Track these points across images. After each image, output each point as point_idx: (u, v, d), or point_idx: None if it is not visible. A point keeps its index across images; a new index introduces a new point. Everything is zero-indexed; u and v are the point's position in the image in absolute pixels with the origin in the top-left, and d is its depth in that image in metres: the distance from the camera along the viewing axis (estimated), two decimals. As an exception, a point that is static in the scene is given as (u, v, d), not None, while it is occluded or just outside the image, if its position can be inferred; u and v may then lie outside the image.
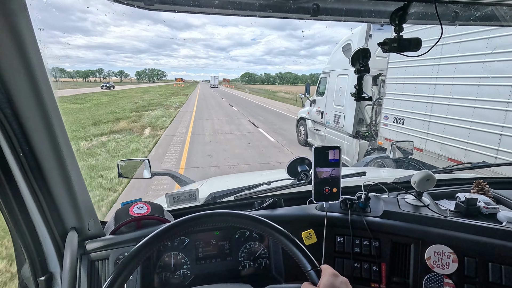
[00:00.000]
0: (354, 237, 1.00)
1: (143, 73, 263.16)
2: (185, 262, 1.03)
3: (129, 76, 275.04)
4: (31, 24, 0.63)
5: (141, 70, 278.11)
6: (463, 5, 0.94)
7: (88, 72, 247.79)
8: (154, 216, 1.03)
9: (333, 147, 0.98)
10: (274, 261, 1.06)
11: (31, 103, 0.67)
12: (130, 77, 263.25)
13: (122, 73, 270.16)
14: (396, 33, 0.91)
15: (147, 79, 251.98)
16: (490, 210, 0.99)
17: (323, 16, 0.94)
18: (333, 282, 0.59)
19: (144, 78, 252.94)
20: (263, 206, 1.13)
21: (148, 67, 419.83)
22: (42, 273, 0.85)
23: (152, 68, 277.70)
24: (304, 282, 0.64)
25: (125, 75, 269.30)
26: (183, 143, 8.76)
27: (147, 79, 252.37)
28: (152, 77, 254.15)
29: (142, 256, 0.61)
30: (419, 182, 1.02)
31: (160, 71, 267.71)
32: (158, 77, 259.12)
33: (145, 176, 1.65)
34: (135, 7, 0.78)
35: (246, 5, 0.85)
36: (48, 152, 0.75)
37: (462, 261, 0.88)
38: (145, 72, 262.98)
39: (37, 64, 0.66)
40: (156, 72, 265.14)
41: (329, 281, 0.59)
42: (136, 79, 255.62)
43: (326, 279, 0.60)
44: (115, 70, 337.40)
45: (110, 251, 0.92)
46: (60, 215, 0.84)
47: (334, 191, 1.00)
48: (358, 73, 0.97)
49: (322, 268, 0.64)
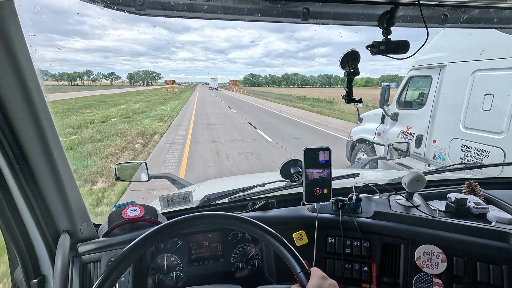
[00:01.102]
0: (345, 238, 1.01)
1: (136, 75, 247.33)
2: (178, 264, 1.03)
3: (120, 78, 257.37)
4: (21, 30, 0.65)
5: (134, 72, 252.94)
6: (450, 8, 0.95)
7: (75, 74, 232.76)
8: (147, 219, 1.03)
9: (323, 148, 0.99)
10: (266, 263, 1.07)
11: (22, 107, 0.68)
12: (122, 80, 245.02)
13: (112, 76, 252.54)
14: (384, 36, 0.93)
15: (141, 81, 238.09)
16: (480, 210, 1.00)
17: (313, 19, 0.95)
18: (321, 284, 0.60)
19: (137, 81, 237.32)
20: (255, 207, 1.14)
21: (145, 69, 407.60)
22: (34, 276, 0.86)
23: (146, 70, 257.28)
24: (294, 285, 0.65)
25: (115, 78, 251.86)
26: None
27: (140, 81, 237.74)
28: (146, 79, 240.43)
29: (133, 256, 0.62)
30: (410, 183, 1.03)
31: (154, 72, 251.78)
32: (152, 79, 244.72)
33: (143, 179, 1.65)
34: (125, 12, 0.80)
35: (235, 10, 0.86)
36: (40, 155, 0.76)
37: (451, 261, 0.89)
38: (138, 74, 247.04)
39: (28, 69, 0.67)
40: (151, 74, 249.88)
41: (317, 284, 0.60)
42: (128, 82, 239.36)
43: (315, 281, 0.61)
44: (105, 72, 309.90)
45: (102, 253, 0.93)
46: (52, 218, 0.85)
47: (325, 192, 1.01)
48: (348, 76, 0.98)
49: (311, 271, 0.65)
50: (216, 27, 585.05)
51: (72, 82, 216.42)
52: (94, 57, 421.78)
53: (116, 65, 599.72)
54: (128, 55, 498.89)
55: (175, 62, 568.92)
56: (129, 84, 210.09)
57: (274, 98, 38.86)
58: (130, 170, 1.69)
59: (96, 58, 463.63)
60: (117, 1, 0.76)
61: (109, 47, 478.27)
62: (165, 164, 6.66)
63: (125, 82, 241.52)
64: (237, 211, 1.16)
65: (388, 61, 11.58)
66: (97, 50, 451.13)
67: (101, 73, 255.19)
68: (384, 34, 0.93)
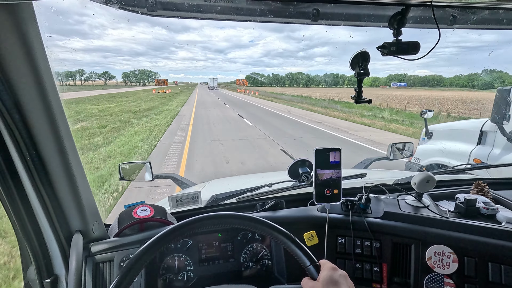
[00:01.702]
0: (355, 238, 1.01)
1: (131, 74, 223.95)
2: (188, 264, 1.04)
3: (115, 78, 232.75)
4: (39, 31, 0.65)
5: (129, 71, 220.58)
6: (460, 9, 0.96)
7: (66, 73, 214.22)
8: (157, 219, 1.04)
9: (334, 149, 0.99)
10: (276, 262, 1.07)
11: (39, 108, 0.69)
12: (116, 80, 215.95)
13: (107, 75, 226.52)
14: (395, 37, 0.93)
15: (136, 81, 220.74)
16: (489, 210, 1.00)
17: (323, 20, 0.96)
18: (332, 275, 0.61)
19: (132, 81, 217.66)
20: (265, 208, 1.14)
21: (145, 68, 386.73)
22: (47, 275, 0.86)
23: (142, 69, 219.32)
24: (304, 278, 0.65)
25: (110, 77, 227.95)
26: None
27: (136, 81, 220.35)
28: (141, 79, 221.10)
29: (147, 258, 0.63)
30: (419, 183, 1.03)
31: (151, 71, 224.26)
32: (149, 78, 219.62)
33: (147, 179, 1.66)
34: (140, 13, 0.80)
35: (248, 11, 0.87)
36: (55, 156, 0.76)
37: (462, 261, 0.89)
38: (134, 73, 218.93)
39: (45, 70, 0.68)
40: (147, 73, 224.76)
41: (328, 275, 0.61)
42: (123, 82, 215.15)
43: (326, 273, 0.62)
44: (99, 72, 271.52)
45: (114, 253, 0.93)
46: (65, 217, 0.85)
47: (335, 193, 1.01)
48: (358, 76, 0.99)
49: (321, 263, 0.65)
50: (215, 27, 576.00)
51: (63, 82, 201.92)
52: (93, 56, 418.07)
53: (115, 65, 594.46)
54: (128, 55, 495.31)
55: (175, 62, 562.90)
56: (124, 84, 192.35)
57: (295, 101, 28.42)
58: (134, 170, 1.69)
59: (95, 58, 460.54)
60: (132, 2, 0.77)
61: (109, 47, 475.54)
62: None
63: (119, 82, 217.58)
64: (246, 211, 1.16)
65: (388, 60, 10.86)
66: (96, 50, 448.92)
67: (95, 72, 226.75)
68: (394, 35, 0.93)
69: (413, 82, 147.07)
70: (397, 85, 29.46)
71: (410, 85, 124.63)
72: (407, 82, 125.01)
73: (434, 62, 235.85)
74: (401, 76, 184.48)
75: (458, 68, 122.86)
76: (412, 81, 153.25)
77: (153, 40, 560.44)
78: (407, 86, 28.22)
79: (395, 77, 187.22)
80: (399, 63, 21.13)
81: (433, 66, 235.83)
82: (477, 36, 47.86)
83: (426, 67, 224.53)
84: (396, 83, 29.66)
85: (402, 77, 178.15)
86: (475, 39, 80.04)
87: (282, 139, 9.62)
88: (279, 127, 12.48)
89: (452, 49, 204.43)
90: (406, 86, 27.61)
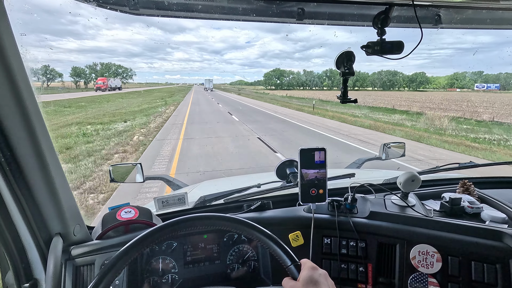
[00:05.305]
0: (341, 238, 1.00)
1: (90, 68, 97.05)
2: (173, 266, 1.02)
3: (61, 77, 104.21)
4: (11, 29, 0.63)
5: (85, 66, 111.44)
6: (443, 8, 0.96)
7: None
8: (142, 221, 1.02)
9: (318, 149, 0.99)
10: (262, 264, 1.06)
11: (12, 107, 0.67)
12: (62, 81, 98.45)
13: (51, 72, 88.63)
14: (379, 36, 0.93)
15: (94, 81, 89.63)
16: (474, 209, 1.01)
17: (308, 20, 0.95)
18: (312, 275, 0.61)
19: (88, 80, 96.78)
20: (251, 208, 1.13)
21: (140, 70, 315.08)
22: (26, 280, 0.84)
23: (107, 62, 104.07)
24: (285, 278, 0.65)
25: (51, 77, 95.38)
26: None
27: (93, 81, 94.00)
28: (91, 79, 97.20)
29: (127, 259, 0.61)
30: (405, 183, 1.03)
31: (122, 67, 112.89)
32: (122, 78, 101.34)
33: (138, 181, 1.63)
34: (118, 11, 0.79)
35: (230, 10, 0.86)
36: (30, 157, 0.74)
37: (446, 260, 0.90)
38: (93, 68, 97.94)
39: (18, 69, 0.66)
40: (114, 69, 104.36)
41: (308, 275, 0.61)
42: (74, 82, 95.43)
43: (306, 272, 0.62)
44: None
45: (95, 256, 0.91)
46: (44, 220, 0.83)
47: (321, 193, 1.00)
48: (343, 76, 0.98)
49: (301, 262, 0.65)
50: (211, 28, 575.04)
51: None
52: (88, 57, 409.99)
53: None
54: (123, 55, 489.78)
55: (171, 63, 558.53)
56: (75, 87, 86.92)
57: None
58: (125, 172, 1.67)
59: (90, 58, 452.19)
60: (110, 1, 0.75)
61: (103, 48, 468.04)
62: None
63: (66, 83, 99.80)
64: (232, 212, 1.15)
65: (371, 61, 9.89)
66: (91, 50, 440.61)
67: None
68: (378, 35, 0.93)
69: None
70: (483, 87, 24.68)
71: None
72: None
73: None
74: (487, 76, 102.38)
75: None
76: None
77: (148, 41, 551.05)
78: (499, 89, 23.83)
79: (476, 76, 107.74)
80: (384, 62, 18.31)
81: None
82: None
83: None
84: (481, 85, 24.85)
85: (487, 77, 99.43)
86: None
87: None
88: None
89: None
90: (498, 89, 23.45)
